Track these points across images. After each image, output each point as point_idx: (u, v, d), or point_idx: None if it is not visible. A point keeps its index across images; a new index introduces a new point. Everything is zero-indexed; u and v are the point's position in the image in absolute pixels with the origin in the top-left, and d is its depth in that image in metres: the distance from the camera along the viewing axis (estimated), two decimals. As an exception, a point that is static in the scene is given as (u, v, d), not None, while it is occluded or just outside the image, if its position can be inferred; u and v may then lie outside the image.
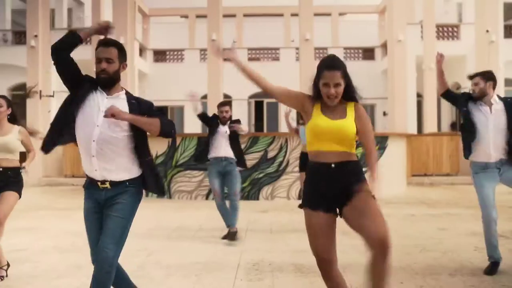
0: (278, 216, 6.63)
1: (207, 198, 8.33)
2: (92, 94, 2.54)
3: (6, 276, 3.77)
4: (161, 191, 2.67)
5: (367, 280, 2.41)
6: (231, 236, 4.98)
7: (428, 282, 3.57)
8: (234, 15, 23.47)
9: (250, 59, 21.88)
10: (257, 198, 8.25)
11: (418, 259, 4.27)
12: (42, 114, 11.57)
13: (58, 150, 11.87)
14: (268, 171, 8.27)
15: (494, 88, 3.97)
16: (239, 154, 5.34)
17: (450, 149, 11.74)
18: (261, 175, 8.28)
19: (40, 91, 11.61)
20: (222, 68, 12.82)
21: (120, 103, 2.53)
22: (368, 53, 22.01)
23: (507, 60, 16.47)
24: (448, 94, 4.11)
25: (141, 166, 2.56)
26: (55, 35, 16.75)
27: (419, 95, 17.57)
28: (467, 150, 3.95)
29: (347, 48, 21.90)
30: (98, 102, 2.50)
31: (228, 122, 5.31)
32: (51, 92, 11.91)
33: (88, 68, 12.48)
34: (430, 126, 15.53)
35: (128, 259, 3.46)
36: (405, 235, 5.32)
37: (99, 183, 2.47)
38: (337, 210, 2.46)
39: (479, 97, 3.91)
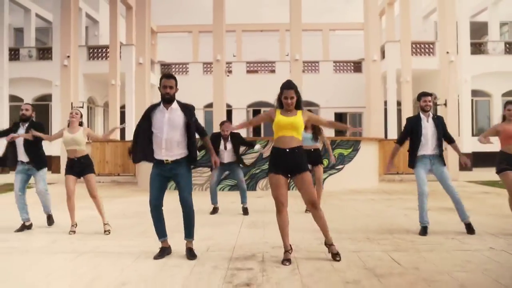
0: (270, 200, 8.59)
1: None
2: (158, 112, 4.36)
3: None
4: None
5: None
6: (244, 211, 7.14)
7: (366, 233, 5.68)
8: (234, 31, 25.62)
9: (248, 71, 23.93)
10: (255, 189, 10.38)
11: (362, 222, 6.37)
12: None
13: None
14: (264, 168, 10.41)
15: None
16: (238, 158, 7.38)
17: (418, 151, 13.86)
18: (258, 171, 10.42)
19: (72, 103, 13.72)
20: (225, 82, 14.83)
21: (174, 112, 4.36)
22: (356, 66, 24.06)
23: (474, 74, 18.71)
24: (403, 140, 5.69)
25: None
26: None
27: (399, 104, 19.70)
28: (413, 160, 5.58)
29: (337, 62, 24.00)
30: (163, 117, 4.33)
31: (229, 137, 7.25)
32: (81, 104, 14.01)
33: (104, 80, 15.53)
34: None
35: (178, 223, 5.53)
36: (359, 209, 7.48)
37: (164, 161, 4.34)
38: (288, 175, 4.27)
39: (428, 111, 5.71)
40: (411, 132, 5.58)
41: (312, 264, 4.01)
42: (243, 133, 22.75)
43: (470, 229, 5.41)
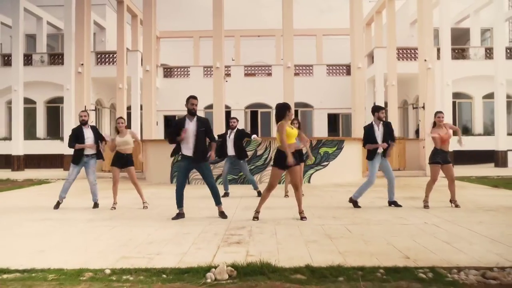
0: (262, 191, 10.17)
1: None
2: (185, 123, 6.23)
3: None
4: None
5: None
6: (258, 194, 9.04)
7: (333, 213, 7.14)
8: (232, 36, 27.05)
9: (246, 74, 25.36)
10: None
11: (333, 206, 7.86)
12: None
13: (98, 151, 15.39)
14: (258, 164, 11.87)
15: None
16: (240, 150, 9.07)
17: (399, 150, 15.34)
18: (252, 167, 11.87)
19: (85, 106, 15.16)
20: (224, 86, 16.20)
21: (194, 124, 6.23)
22: (348, 69, 25.34)
23: (456, 78, 20.13)
24: (366, 143, 7.55)
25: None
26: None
27: (387, 105, 21.14)
28: (371, 154, 7.53)
29: (330, 65, 25.45)
30: (189, 126, 6.22)
31: (235, 129, 9.08)
32: (93, 107, 15.42)
33: (110, 83, 17.57)
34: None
35: (185, 207, 6.98)
36: (335, 198, 8.96)
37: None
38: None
39: (383, 120, 7.47)
40: (369, 136, 7.56)
41: (286, 231, 5.48)
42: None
43: (396, 205, 7.66)
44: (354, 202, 7.67)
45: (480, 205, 7.79)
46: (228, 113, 23.45)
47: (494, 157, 19.32)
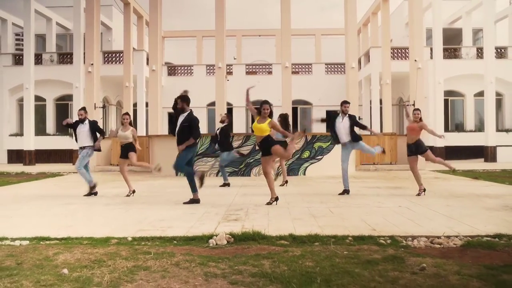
0: (261, 182, 11.08)
1: (216, 175, 12.85)
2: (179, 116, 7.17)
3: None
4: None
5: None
6: (224, 185, 10.07)
7: (321, 199, 8.06)
8: (234, 36, 27.95)
9: (247, 72, 26.27)
10: (249, 175, 12.78)
11: (322, 193, 8.78)
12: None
13: (107, 145, 16.35)
14: (256, 158, 12.79)
15: None
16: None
17: (391, 145, 16.24)
18: (251, 160, 12.81)
19: (95, 104, 16.12)
20: (225, 84, 17.13)
21: (181, 118, 7.21)
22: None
23: (448, 77, 20.98)
24: (329, 120, 8.55)
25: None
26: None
27: (381, 103, 22.04)
28: (335, 140, 8.51)
29: (328, 64, 26.34)
30: (179, 119, 7.19)
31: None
32: (101, 105, 16.41)
33: (116, 81, 18.87)
34: (387, 127, 20.06)
35: (189, 194, 7.87)
36: (325, 187, 9.88)
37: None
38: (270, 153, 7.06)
39: (346, 113, 8.40)
40: (329, 120, 8.67)
41: (277, 212, 6.42)
42: (243, 128, 25.11)
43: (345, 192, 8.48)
44: (346, 191, 8.47)
45: (454, 193, 8.69)
46: (229, 111, 24.38)
47: (483, 153, 20.18)
